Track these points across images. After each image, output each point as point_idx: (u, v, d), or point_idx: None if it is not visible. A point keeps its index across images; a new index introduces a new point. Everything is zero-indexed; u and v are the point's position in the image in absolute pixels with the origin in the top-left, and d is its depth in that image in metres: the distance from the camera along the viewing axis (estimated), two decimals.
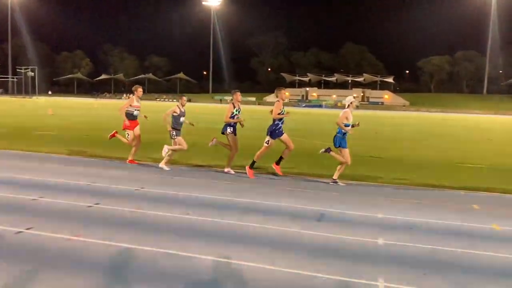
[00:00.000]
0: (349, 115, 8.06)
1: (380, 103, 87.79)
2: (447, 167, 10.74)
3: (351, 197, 7.05)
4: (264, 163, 9.14)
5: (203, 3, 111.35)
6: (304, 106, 77.14)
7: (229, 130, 8.74)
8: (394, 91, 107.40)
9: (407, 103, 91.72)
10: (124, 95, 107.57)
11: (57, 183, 7.26)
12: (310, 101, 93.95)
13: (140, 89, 9.61)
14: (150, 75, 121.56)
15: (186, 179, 8.06)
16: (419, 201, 6.96)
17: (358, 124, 8.28)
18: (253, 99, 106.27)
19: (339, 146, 8.05)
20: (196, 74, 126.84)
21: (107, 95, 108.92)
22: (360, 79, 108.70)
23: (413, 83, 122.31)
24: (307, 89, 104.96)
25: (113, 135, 9.73)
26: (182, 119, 8.97)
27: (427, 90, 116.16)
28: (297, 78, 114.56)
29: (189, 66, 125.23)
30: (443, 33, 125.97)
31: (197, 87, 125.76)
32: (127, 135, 9.40)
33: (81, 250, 4.30)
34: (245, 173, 8.67)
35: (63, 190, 6.76)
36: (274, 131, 8.48)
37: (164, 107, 9.59)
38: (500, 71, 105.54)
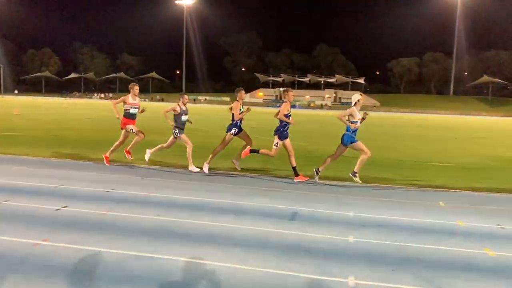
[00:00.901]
0: (355, 112, 8.15)
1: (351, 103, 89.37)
2: (415, 166, 11.05)
3: (323, 196, 7.15)
4: (242, 164, 9.13)
5: (176, 1, 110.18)
6: (278, 106, 77.56)
7: (233, 130, 8.66)
8: (365, 91, 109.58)
9: (377, 103, 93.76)
10: (95, 94, 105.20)
11: (23, 186, 7.02)
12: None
13: (136, 87, 9.29)
14: (122, 74, 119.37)
15: (158, 179, 7.96)
16: (388, 199, 7.14)
17: (366, 114, 8.35)
18: (227, 99, 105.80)
19: (351, 143, 8.13)
20: (169, 74, 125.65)
21: (77, 94, 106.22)
22: (332, 80, 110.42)
23: (383, 84, 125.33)
24: (281, 89, 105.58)
25: (128, 153, 9.35)
26: (184, 117, 8.86)
27: (397, 91, 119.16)
28: (271, 78, 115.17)
29: (161, 65, 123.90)
30: (412, 35, 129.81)
31: (170, 86, 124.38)
32: (131, 131, 9.04)
33: (49, 254, 4.18)
34: (218, 173, 8.65)
35: (29, 193, 6.54)
36: (282, 133, 8.32)
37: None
38: (466, 73, 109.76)
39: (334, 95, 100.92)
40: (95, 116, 28.55)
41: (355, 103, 8.24)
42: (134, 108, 9.14)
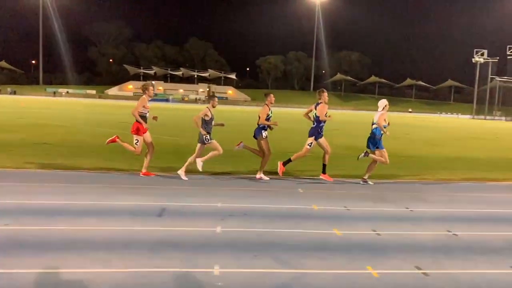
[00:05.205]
0: (386, 117, 8.44)
1: (224, 98, 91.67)
2: (280, 157, 11.85)
3: (192, 190, 7.24)
4: (107, 162, 8.64)
5: None
6: (149, 100, 75.35)
7: (264, 134, 8.43)
8: (237, 87, 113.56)
9: (248, 98, 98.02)
10: None
11: None
12: (156, 95, 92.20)
13: (151, 88, 8.30)
14: None
15: (9, 184, 7.05)
16: (253, 188, 7.58)
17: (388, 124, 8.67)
18: (94, 92, 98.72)
19: (377, 147, 8.45)
20: (23, 63, 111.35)
21: None
22: (206, 74, 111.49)
23: (253, 79, 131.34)
24: (153, 82, 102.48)
25: (113, 141, 8.11)
26: (213, 122, 8.19)
27: (265, 87, 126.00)
28: (142, 70, 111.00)
29: (13, 54, 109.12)
30: (278, 35, 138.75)
31: (24, 77, 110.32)
32: (135, 141, 7.94)
33: None
34: (80, 172, 8.08)
35: None
36: (318, 133, 8.43)
37: None
38: (324, 71, 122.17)
39: (208, 89, 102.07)
40: None
41: (383, 107, 8.56)
42: (147, 111, 8.20)
